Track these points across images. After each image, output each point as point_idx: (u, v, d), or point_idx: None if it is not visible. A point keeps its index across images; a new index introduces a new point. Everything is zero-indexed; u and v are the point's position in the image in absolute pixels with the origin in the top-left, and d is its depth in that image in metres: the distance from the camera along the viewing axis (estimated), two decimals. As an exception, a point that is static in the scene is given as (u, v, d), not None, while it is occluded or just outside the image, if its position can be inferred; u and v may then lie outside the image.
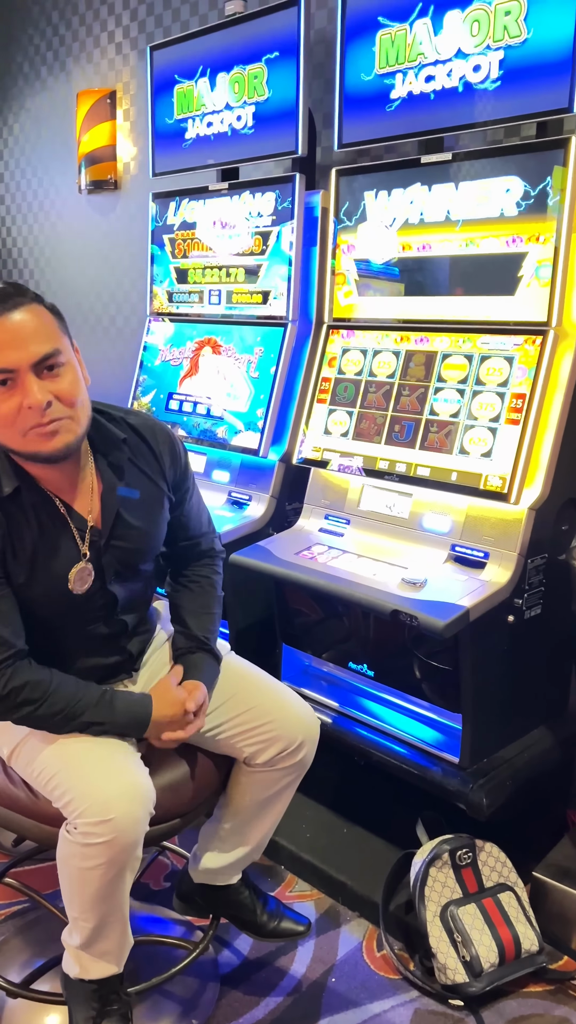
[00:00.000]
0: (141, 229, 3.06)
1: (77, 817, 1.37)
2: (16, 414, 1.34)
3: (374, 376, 2.17)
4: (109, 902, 1.42)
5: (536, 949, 1.84)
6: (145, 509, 1.56)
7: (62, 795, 1.40)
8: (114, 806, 1.35)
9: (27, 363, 1.33)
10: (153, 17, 3.19)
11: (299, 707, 1.63)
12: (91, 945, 1.47)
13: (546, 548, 1.94)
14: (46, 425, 1.35)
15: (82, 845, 1.36)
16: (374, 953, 1.93)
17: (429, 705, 2.03)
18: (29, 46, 3.83)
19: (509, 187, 1.89)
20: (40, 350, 1.34)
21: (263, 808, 1.67)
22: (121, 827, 1.35)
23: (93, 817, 1.35)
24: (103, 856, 1.36)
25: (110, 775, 1.40)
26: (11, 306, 1.33)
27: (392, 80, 2.08)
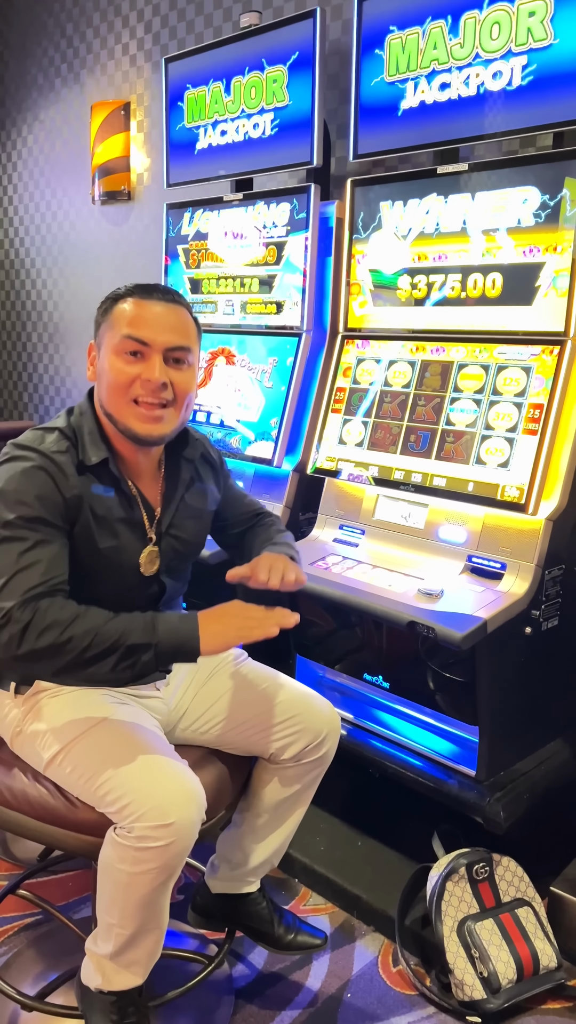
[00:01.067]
0: (155, 240, 3.07)
1: (135, 821, 1.35)
2: (131, 382, 1.45)
3: (389, 386, 2.17)
4: (152, 908, 1.42)
5: (555, 965, 1.82)
6: (200, 510, 1.66)
7: (117, 799, 1.39)
8: (173, 810, 1.35)
9: (161, 345, 1.46)
10: (167, 29, 3.21)
11: (321, 702, 1.68)
12: (122, 954, 1.46)
13: (563, 559, 1.93)
14: (153, 406, 1.46)
15: (136, 849, 1.36)
16: (390, 968, 1.91)
17: (445, 717, 2.01)
18: (44, 58, 3.86)
19: (526, 197, 1.88)
20: (175, 340, 1.48)
21: (285, 808, 1.69)
22: (179, 831, 1.35)
23: (152, 821, 1.34)
24: (157, 860, 1.36)
25: (168, 778, 1.40)
26: (168, 298, 1.50)
27: (405, 87, 2.08)
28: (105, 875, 1.42)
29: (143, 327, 1.45)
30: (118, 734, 1.46)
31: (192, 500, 1.64)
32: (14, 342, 4.39)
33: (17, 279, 4.27)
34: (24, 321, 4.28)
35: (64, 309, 3.98)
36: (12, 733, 1.57)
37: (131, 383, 1.45)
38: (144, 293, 1.49)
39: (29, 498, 1.39)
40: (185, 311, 1.52)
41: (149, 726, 1.53)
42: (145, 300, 1.48)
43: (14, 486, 1.40)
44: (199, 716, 1.66)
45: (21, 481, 1.40)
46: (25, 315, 4.26)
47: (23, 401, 4.42)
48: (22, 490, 1.40)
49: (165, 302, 1.49)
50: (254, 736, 1.63)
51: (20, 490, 1.40)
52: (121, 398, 1.46)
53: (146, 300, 1.48)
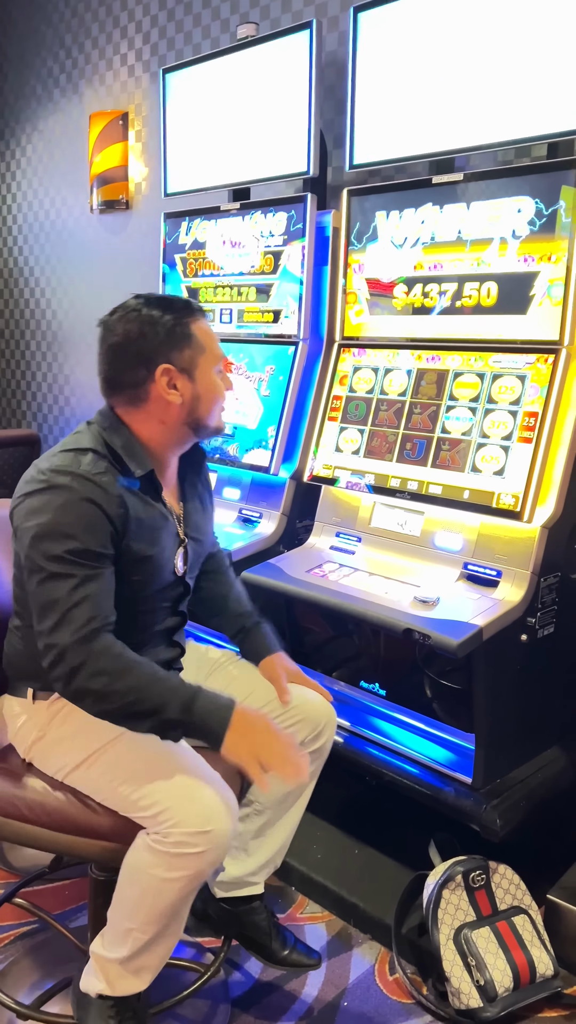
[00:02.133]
0: (152, 249, 3.08)
1: (172, 826, 1.36)
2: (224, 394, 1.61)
3: (385, 394, 2.18)
4: (175, 915, 1.44)
5: (551, 973, 1.82)
6: (207, 509, 1.73)
7: (153, 804, 1.39)
8: (213, 818, 1.37)
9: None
10: (165, 40, 3.23)
11: (314, 694, 1.73)
12: (135, 958, 1.46)
13: (559, 567, 1.93)
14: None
15: (172, 855, 1.36)
16: (386, 976, 1.91)
17: (442, 725, 2.02)
18: (43, 69, 3.89)
19: (520, 207, 1.90)
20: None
21: (286, 805, 1.71)
22: (215, 840, 1.37)
23: (191, 827, 1.35)
24: (191, 867, 1.37)
25: (207, 787, 1.41)
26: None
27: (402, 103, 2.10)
28: (131, 880, 1.42)
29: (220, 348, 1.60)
30: (153, 741, 1.45)
31: (201, 500, 1.71)
32: (12, 350, 4.40)
33: (16, 287, 4.29)
34: (23, 329, 4.29)
35: (63, 317, 4.00)
36: (31, 740, 1.55)
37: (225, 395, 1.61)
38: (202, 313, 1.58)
39: (76, 530, 1.39)
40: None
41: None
42: (206, 319, 1.59)
43: (60, 519, 1.39)
44: None
45: (66, 513, 1.39)
46: (24, 323, 4.28)
47: (21, 409, 4.43)
48: (68, 523, 1.39)
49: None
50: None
51: (66, 523, 1.39)
52: (217, 407, 1.59)
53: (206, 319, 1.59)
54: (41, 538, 1.39)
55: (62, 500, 1.40)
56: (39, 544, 1.39)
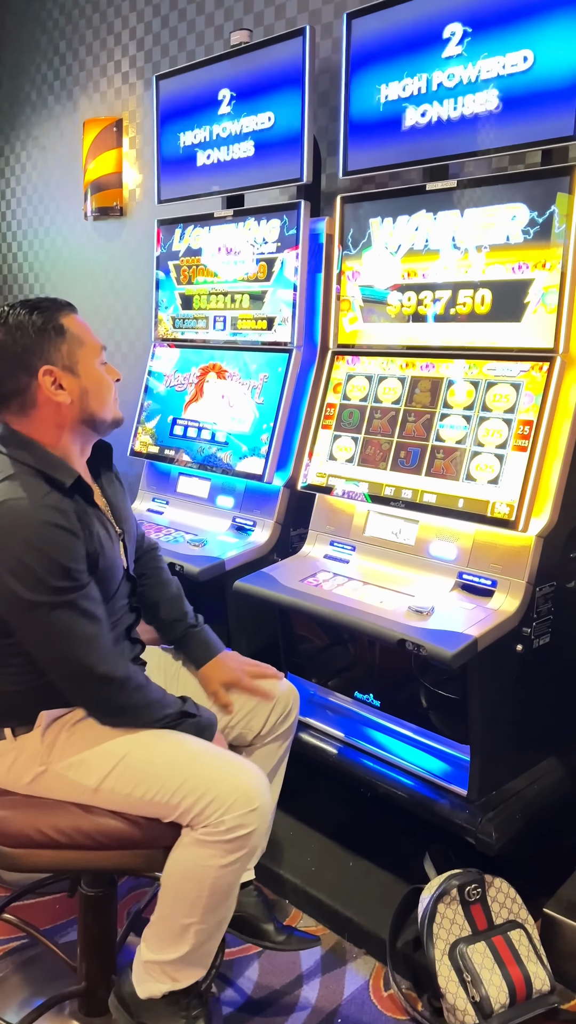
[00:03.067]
0: (146, 255, 3.07)
1: (224, 814, 1.40)
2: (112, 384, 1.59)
3: (379, 402, 2.16)
4: (233, 895, 1.49)
5: (548, 989, 1.79)
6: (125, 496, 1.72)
7: (196, 800, 1.41)
8: (255, 795, 1.43)
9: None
10: (159, 47, 3.23)
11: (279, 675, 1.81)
12: (199, 948, 1.48)
13: (555, 576, 1.92)
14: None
15: (227, 841, 1.40)
16: (381, 992, 1.88)
17: (437, 736, 2.00)
18: (37, 75, 3.88)
19: (515, 214, 1.89)
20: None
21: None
22: (264, 814, 1.43)
23: (242, 809, 1.40)
24: (245, 847, 1.42)
25: (239, 768, 1.47)
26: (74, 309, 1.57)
27: (397, 109, 2.09)
28: (186, 878, 1.43)
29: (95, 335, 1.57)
30: (167, 740, 1.49)
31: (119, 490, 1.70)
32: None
33: (10, 294, 4.27)
34: (16, 336, 4.27)
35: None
36: (32, 775, 1.51)
37: (112, 384, 1.58)
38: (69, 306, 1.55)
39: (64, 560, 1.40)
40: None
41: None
42: (72, 313, 1.55)
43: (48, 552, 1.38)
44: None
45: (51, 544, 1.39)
46: (17, 330, 4.26)
47: None
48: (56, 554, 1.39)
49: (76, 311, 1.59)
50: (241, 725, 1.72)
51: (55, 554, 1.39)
52: (108, 398, 1.56)
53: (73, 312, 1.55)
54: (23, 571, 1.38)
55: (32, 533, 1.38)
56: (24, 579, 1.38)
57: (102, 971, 1.68)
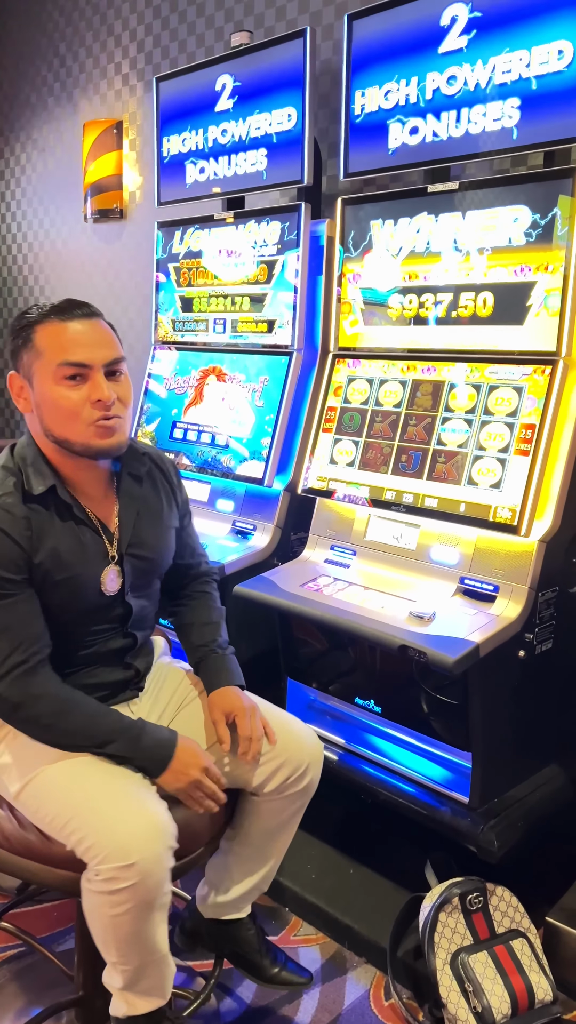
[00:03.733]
0: (146, 258, 3.06)
1: (99, 863, 1.32)
2: (81, 407, 1.43)
3: (380, 406, 2.15)
4: (145, 943, 1.39)
5: (550, 999, 1.77)
6: (158, 523, 1.62)
7: (80, 840, 1.35)
8: (134, 849, 1.31)
9: (100, 363, 1.44)
10: (159, 49, 3.22)
11: (302, 731, 1.64)
12: (134, 985, 1.43)
13: (557, 581, 1.90)
14: (109, 420, 1.44)
15: (108, 892, 1.32)
16: (382, 1002, 1.86)
17: (438, 742, 1.98)
18: (37, 78, 3.87)
19: (517, 216, 1.87)
20: (111, 354, 1.46)
21: (270, 838, 1.65)
22: (145, 869, 1.31)
23: (115, 863, 1.31)
24: (131, 900, 1.32)
25: (127, 815, 1.35)
26: (87, 313, 1.47)
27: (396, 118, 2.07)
28: (91, 918, 1.39)
29: (77, 350, 1.42)
30: (81, 768, 1.42)
31: (149, 514, 1.60)
32: (6, 360, 4.37)
33: (9, 296, 4.26)
34: (16, 339, 4.26)
35: (56, 327, 3.96)
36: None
37: (81, 408, 1.42)
38: (60, 313, 1.44)
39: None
40: (104, 321, 1.50)
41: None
42: (65, 321, 1.43)
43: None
44: None
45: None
46: (17, 333, 4.25)
47: (16, 419, 4.39)
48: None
49: (85, 318, 1.45)
50: (236, 769, 1.58)
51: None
52: (74, 423, 1.43)
53: (66, 321, 1.43)
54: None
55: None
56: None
57: (99, 980, 1.65)
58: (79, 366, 1.42)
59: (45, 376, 1.43)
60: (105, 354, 1.45)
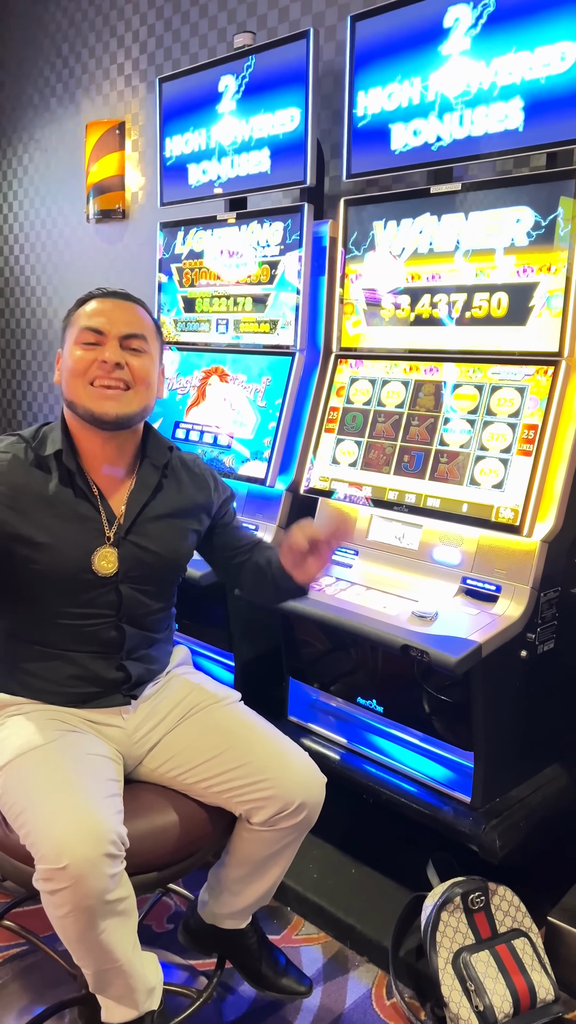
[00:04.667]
0: (149, 258, 3.06)
1: (38, 862, 1.31)
2: (88, 366, 1.50)
3: (383, 406, 2.15)
4: (96, 949, 1.35)
5: (552, 998, 1.77)
6: (172, 521, 1.62)
7: (26, 835, 1.35)
8: (66, 851, 1.27)
9: (116, 333, 1.52)
10: (162, 49, 3.22)
11: (300, 765, 1.56)
12: (102, 990, 1.42)
13: (559, 581, 1.90)
14: (109, 386, 1.50)
15: (47, 893, 1.31)
16: (384, 1001, 1.86)
17: (440, 742, 1.98)
18: (39, 78, 3.87)
19: (520, 217, 1.88)
20: (129, 328, 1.53)
21: (264, 865, 1.62)
22: (77, 873, 1.26)
23: (47, 864, 1.28)
24: (68, 904, 1.29)
25: (67, 816, 1.31)
26: (123, 296, 1.58)
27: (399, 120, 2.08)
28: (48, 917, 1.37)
29: (98, 317, 1.52)
30: (45, 764, 1.41)
31: (161, 508, 1.60)
32: (8, 360, 4.37)
33: (12, 297, 4.27)
34: (19, 339, 4.27)
35: (58, 327, 3.95)
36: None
37: (88, 367, 1.50)
38: (102, 294, 1.57)
39: None
40: (140, 307, 1.58)
41: (89, 756, 1.46)
42: (102, 298, 1.56)
43: None
44: (168, 759, 1.59)
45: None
46: (20, 333, 4.25)
47: (17, 419, 4.40)
48: None
49: (120, 299, 1.57)
50: (223, 795, 1.55)
51: None
52: (79, 381, 1.50)
53: (103, 298, 1.56)
54: None
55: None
56: None
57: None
58: (95, 332, 1.50)
59: (69, 341, 1.54)
60: (122, 327, 1.52)
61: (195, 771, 1.56)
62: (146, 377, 1.54)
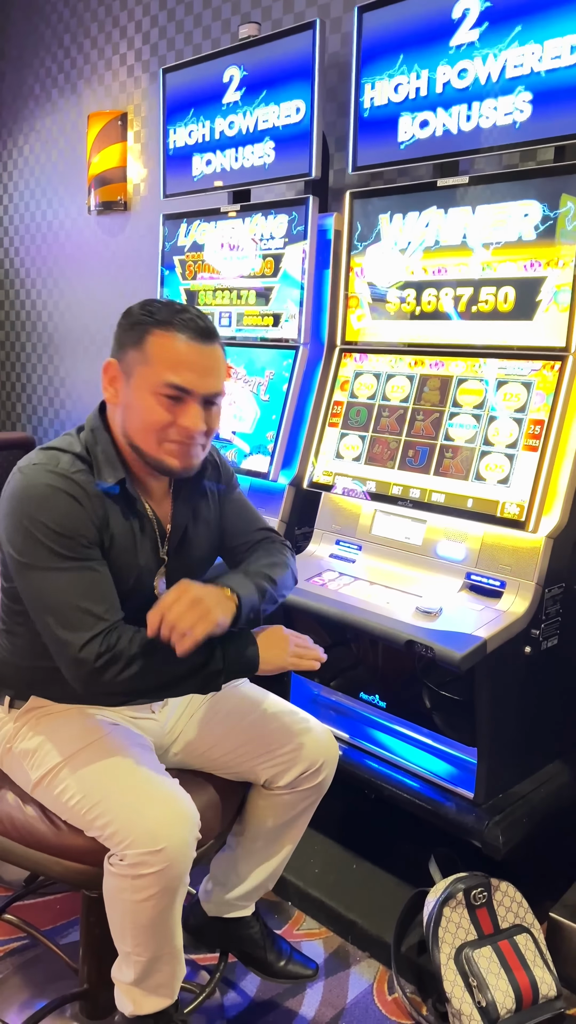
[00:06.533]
0: (151, 250, 3.05)
1: (126, 848, 1.33)
2: (167, 426, 1.39)
3: (387, 400, 2.14)
4: (163, 933, 1.39)
5: (554, 994, 1.77)
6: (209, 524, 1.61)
7: (106, 825, 1.36)
8: (163, 834, 1.32)
9: (202, 392, 1.40)
10: (165, 40, 3.20)
11: (319, 729, 1.64)
12: (145, 979, 1.43)
13: (564, 577, 1.90)
14: (187, 445, 1.41)
15: (132, 877, 1.33)
16: (385, 996, 1.86)
17: (443, 738, 1.98)
18: (41, 68, 3.85)
19: (527, 211, 1.86)
20: (216, 387, 1.42)
21: (279, 834, 1.65)
22: (172, 856, 1.32)
23: (143, 848, 1.32)
24: (156, 886, 1.33)
25: (155, 802, 1.36)
26: (209, 337, 1.41)
27: (404, 112, 2.06)
28: (111, 904, 1.39)
29: (186, 373, 1.37)
30: (107, 756, 1.43)
31: (202, 518, 1.60)
32: (8, 352, 4.35)
33: (12, 289, 4.25)
34: (19, 331, 4.25)
35: (59, 319, 3.95)
36: (2, 750, 1.53)
37: (166, 427, 1.39)
38: (185, 328, 1.37)
39: (63, 523, 1.34)
40: (219, 347, 1.43)
41: (140, 747, 1.49)
42: (188, 340, 1.37)
43: (46, 513, 1.34)
44: (193, 740, 1.62)
45: (51, 507, 1.34)
46: (20, 325, 4.23)
47: (16, 412, 4.38)
48: (54, 516, 1.34)
49: (206, 343, 1.39)
50: (248, 762, 1.59)
51: (53, 516, 1.34)
52: (153, 438, 1.40)
53: (189, 340, 1.37)
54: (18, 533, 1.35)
55: (44, 494, 1.35)
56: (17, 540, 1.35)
57: (104, 973, 1.65)
58: (181, 390, 1.37)
59: (144, 383, 1.38)
60: (211, 385, 1.40)
61: (222, 746, 1.60)
62: (216, 430, 1.48)
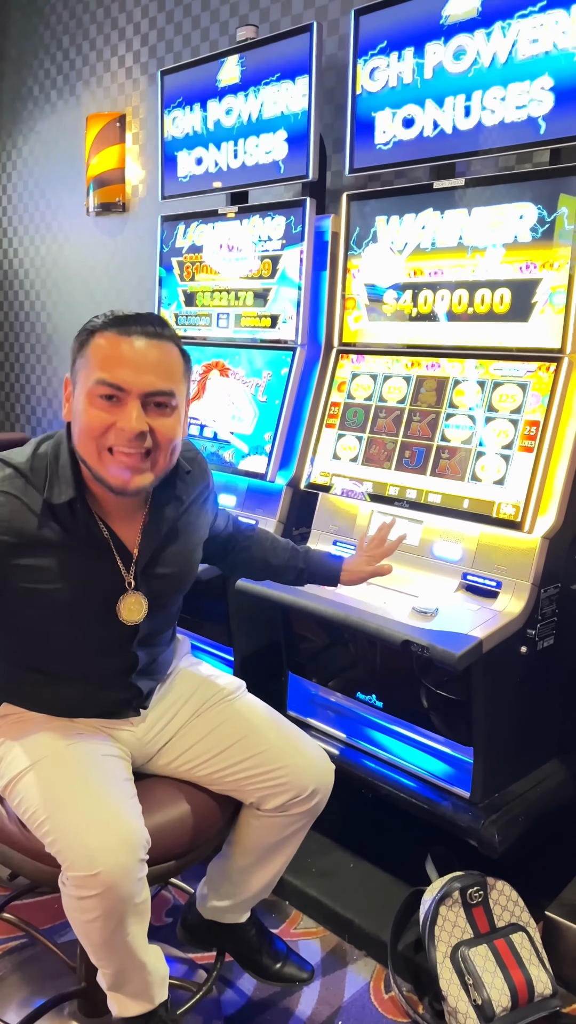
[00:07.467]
0: (149, 252, 3.06)
1: (67, 869, 1.31)
2: (105, 429, 1.29)
3: (384, 401, 2.15)
4: (119, 951, 1.36)
5: (549, 992, 1.78)
6: (188, 541, 1.55)
7: (52, 843, 1.34)
8: (100, 859, 1.27)
9: (138, 390, 1.29)
10: (164, 42, 3.21)
11: (313, 753, 1.59)
12: (119, 988, 1.43)
13: (559, 577, 1.91)
14: (131, 456, 1.31)
15: (76, 899, 1.31)
16: (382, 995, 1.87)
17: (439, 737, 1.99)
18: (39, 70, 3.86)
19: (523, 213, 1.87)
20: (155, 384, 1.30)
21: (271, 851, 1.62)
22: (108, 881, 1.27)
23: (79, 871, 1.28)
24: (98, 909, 1.30)
25: (95, 824, 1.31)
26: (150, 332, 1.31)
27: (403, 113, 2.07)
28: (69, 920, 1.37)
29: (118, 369, 1.27)
30: (63, 772, 1.40)
31: (180, 535, 1.52)
32: (6, 354, 4.36)
33: (11, 290, 4.25)
34: (17, 333, 4.26)
35: (57, 321, 3.96)
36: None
37: (105, 431, 1.29)
38: (122, 326, 1.29)
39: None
40: (170, 346, 1.33)
41: (106, 760, 1.45)
42: (123, 336, 1.29)
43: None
44: (181, 753, 1.58)
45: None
46: (18, 327, 4.24)
47: (15, 413, 4.39)
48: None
49: (146, 337, 1.30)
50: (235, 783, 1.55)
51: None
52: (94, 445, 1.30)
53: (124, 336, 1.29)
54: None
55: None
56: None
57: (102, 973, 1.66)
58: (114, 388, 1.28)
59: (83, 388, 1.31)
60: (148, 381, 1.29)
61: (209, 763, 1.56)
62: (171, 440, 1.33)
